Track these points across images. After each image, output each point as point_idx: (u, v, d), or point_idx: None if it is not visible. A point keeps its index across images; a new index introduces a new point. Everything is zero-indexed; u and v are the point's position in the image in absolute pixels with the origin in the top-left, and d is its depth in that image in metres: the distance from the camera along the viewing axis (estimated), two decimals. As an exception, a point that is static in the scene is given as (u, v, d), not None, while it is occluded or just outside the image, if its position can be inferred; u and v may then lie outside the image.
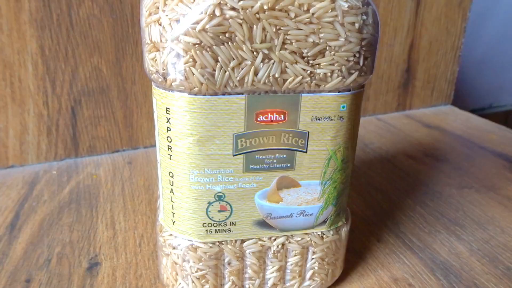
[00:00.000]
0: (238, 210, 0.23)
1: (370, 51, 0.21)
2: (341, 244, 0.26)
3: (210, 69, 0.19)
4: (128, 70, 0.42)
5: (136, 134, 0.45)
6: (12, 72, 0.38)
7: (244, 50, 0.19)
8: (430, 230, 0.33)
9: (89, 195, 0.37)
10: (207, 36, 0.18)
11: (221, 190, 0.22)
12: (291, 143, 0.22)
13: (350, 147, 0.23)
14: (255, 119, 0.21)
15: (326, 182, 0.23)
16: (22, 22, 0.37)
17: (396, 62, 0.55)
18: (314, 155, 0.22)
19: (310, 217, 0.24)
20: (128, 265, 0.28)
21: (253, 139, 0.21)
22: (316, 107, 0.21)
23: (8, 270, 0.28)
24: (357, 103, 0.22)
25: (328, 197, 0.23)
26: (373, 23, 0.20)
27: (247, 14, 0.18)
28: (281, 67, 0.20)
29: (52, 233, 0.31)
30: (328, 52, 0.20)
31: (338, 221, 0.25)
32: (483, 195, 0.38)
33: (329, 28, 0.19)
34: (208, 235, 0.23)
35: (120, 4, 0.40)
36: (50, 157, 0.42)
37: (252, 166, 0.22)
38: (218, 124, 0.20)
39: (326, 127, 0.22)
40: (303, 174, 0.23)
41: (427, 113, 0.58)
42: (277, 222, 0.23)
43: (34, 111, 0.40)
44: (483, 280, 0.28)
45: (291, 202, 0.23)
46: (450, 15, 0.55)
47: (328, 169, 0.23)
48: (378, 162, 0.44)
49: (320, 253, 0.25)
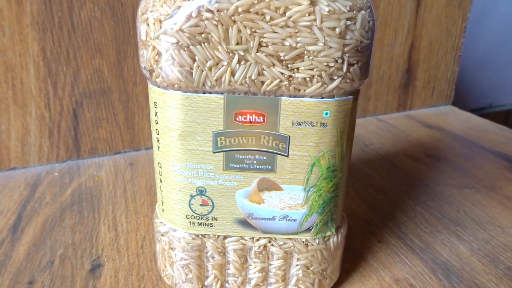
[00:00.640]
0: (220, 206, 0.23)
1: (357, 57, 0.20)
2: (329, 255, 0.25)
3: (188, 68, 0.20)
4: (130, 72, 0.42)
5: (138, 135, 0.45)
6: (14, 75, 0.39)
7: (220, 51, 0.19)
8: (431, 230, 0.33)
9: (91, 196, 0.37)
10: (184, 36, 0.19)
11: (202, 185, 0.23)
12: (271, 145, 0.22)
13: (338, 156, 0.22)
14: (234, 119, 0.21)
15: (309, 189, 0.22)
16: (24, 25, 0.37)
17: (397, 62, 0.55)
18: (296, 160, 0.22)
19: (293, 222, 0.23)
20: (131, 267, 0.28)
21: (232, 138, 0.22)
22: (297, 111, 0.21)
23: (11, 272, 0.28)
24: (345, 110, 0.21)
25: (313, 204, 0.23)
26: (361, 28, 0.20)
27: (222, 16, 0.19)
28: (258, 69, 0.20)
29: (54, 235, 0.32)
30: (307, 57, 0.19)
31: (325, 230, 0.24)
32: (483, 195, 0.38)
33: (307, 33, 0.19)
34: (191, 227, 0.24)
35: (121, 6, 0.40)
36: (52, 159, 0.43)
37: (232, 165, 0.22)
38: (198, 121, 0.21)
39: (308, 133, 0.21)
40: (285, 178, 0.22)
41: (427, 113, 0.59)
42: (259, 223, 0.24)
43: (36, 113, 0.40)
44: (484, 280, 0.28)
45: (273, 205, 0.23)
46: (450, 15, 0.55)
47: (312, 175, 0.22)
48: (378, 162, 0.44)
49: (304, 261, 0.24)
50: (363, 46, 0.20)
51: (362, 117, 0.56)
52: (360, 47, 0.20)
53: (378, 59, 0.54)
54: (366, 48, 0.20)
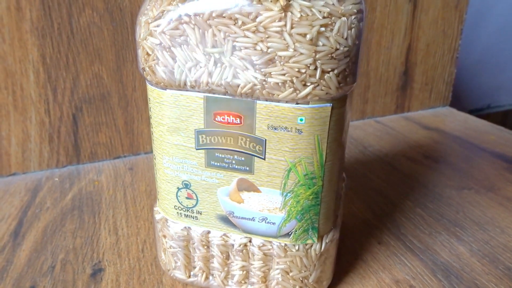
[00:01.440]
0: (203, 201, 0.24)
1: (332, 64, 0.20)
2: (310, 263, 0.24)
3: (170, 68, 0.21)
4: (129, 77, 0.42)
5: (137, 140, 0.45)
6: (14, 81, 0.39)
7: (198, 53, 0.20)
8: (431, 231, 0.33)
9: (91, 201, 0.37)
10: (166, 38, 0.20)
11: (187, 179, 0.24)
12: (248, 147, 0.22)
13: (317, 164, 0.22)
14: (213, 118, 0.22)
15: (287, 194, 0.22)
16: (23, 31, 0.38)
17: (394, 64, 0.55)
18: (273, 163, 0.22)
19: (272, 225, 0.23)
20: (132, 271, 0.29)
21: (212, 137, 0.22)
22: (272, 115, 0.21)
23: (13, 277, 0.28)
24: (322, 117, 0.21)
25: (291, 210, 0.23)
26: (338, 35, 0.19)
27: (198, 20, 0.20)
28: (234, 72, 0.20)
29: (55, 240, 0.32)
30: (278, 62, 0.19)
31: (305, 238, 0.24)
32: (482, 196, 0.38)
33: (277, 38, 0.19)
34: (179, 217, 0.25)
35: (120, 12, 0.40)
36: (52, 164, 0.43)
37: (213, 163, 0.23)
38: (182, 118, 0.22)
39: (284, 138, 0.21)
40: (263, 181, 0.22)
41: (425, 115, 0.59)
42: (239, 222, 0.24)
43: (36, 119, 0.41)
44: (484, 280, 0.28)
45: (253, 205, 0.23)
46: (447, 17, 0.56)
47: (289, 181, 0.22)
48: (377, 164, 0.44)
49: (283, 265, 0.24)
50: (340, 54, 0.19)
51: (360, 119, 0.56)
52: (336, 54, 0.19)
53: (375, 61, 0.54)
54: (345, 55, 0.20)
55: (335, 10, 0.19)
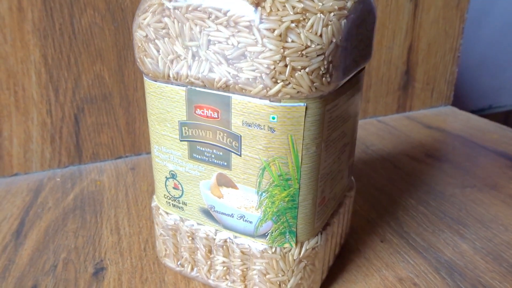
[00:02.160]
0: (188, 193, 0.25)
1: (302, 62, 0.19)
2: (287, 268, 0.23)
3: (155, 60, 0.22)
4: (130, 77, 0.42)
5: (139, 140, 0.45)
6: (16, 81, 0.39)
7: (178, 46, 0.21)
8: (434, 229, 0.33)
9: (93, 201, 0.37)
10: (151, 30, 0.21)
11: (173, 169, 0.24)
12: (226, 142, 0.22)
13: (292, 165, 0.21)
14: (194, 111, 0.22)
15: (262, 193, 0.22)
16: (25, 32, 0.38)
17: (395, 64, 0.55)
18: (248, 161, 0.22)
19: (250, 224, 0.23)
20: (134, 270, 0.29)
21: (194, 130, 0.23)
22: (246, 112, 0.21)
23: (15, 276, 0.28)
24: (295, 117, 0.20)
25: (266, 210, 0.22)
26: (309, 32, 0.18)
27: (177, 14, 0.20)
28: (209, 66, 0.20)
29: (57, 239, 0.32)
30: (248, 57, 0.19)
31: (282, 241, 0.23)
32: (485, 194, 0.38)
33: (246, 33, 0.19)
34: (168, 207, 0.26)
35: (121, 12, 0.40)
36: (54, 164, 0.43)
37: (195, 155, 0.23)
38: (168, 109, 0.23)
39: (257, 135, 0.21)
40: (239, 178, 0.22)
41: (427, 114, 0.59)
42: (220, 217, 0.24)
43: (38, 119, 0.41)
44: (488, 278, 0.28)
45: (231, 202, 0.23)
46: (448, 16, 0.56)
47: (263, 180, 0.22)
48: (379, 164, 0.44)
49: (259, 266, 0.24)
50: (311, 51, 0.19)
51: (362, 118, 0.56)
52: (307, 52, 0.19)
53: (376, 61, 0.54)
54: (317, 53, 0.19)
55: (312, 6, 0.19)
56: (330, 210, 0.25)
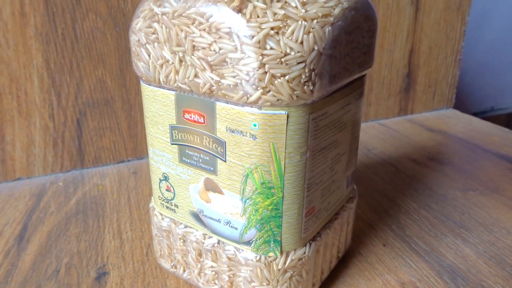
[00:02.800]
0: (179, 196, 0.25)
1: (282, 70, 0.18)
2: (272, 277, 0.23)
3: (147, 64, 0.22)
4: (132, 81, 0.43)
5: (141, 144, 0.45)
6: (19, 86, 0.39)
7: (166, 50, 0.21)
8: (436, 233, 0.33)
9: (95, 205, 0.37)
10: (142, 35, 0.22)
11: (166, 171, 0.25)
12: (211, 147, 0.22)
13: (274, 173, 0.21)
14: (183, 115, 0.22)
15: (246, 200, 0.22)
16: (28, 37, 0.38)
17: (397, 67, 0.55)
18: (233, 167, 0.21)
19: (235, 230, 0.23)
20: (136, 274, 0.29)
21: (183, 134, 0.23)
22: (229, 118, 0.20)
23: (18, 281, 0.28)
24: (276, 125, 0.20)
25: (250, 217, 0.22)
26: (291, 39, 0.18)
27: (165, 19, 0.21)
28: (195, 72, 0.20)
29: (60, 243, 0.32)
30: (229, 64, 0.19)
31: (267, 250, 0.23)
32: (487, 197, 0.38)
33: (227, 39, 0.19)
34: (162, 208, 0.26)
35: (123, 17, 0.40)
36: (56, 168, 0.43)
37: (184, 159, 0.23)
38: (160, 113, 0.23)
39: (240, 142, 0.21)
40: (225, 183, 0.22)
41: (429, 117, 0.59)
42: (208, 222, 0.24)
43: (40, 123, 0.41)
44: (491, 282, 0.28)
45: (218, 207, 0.23)
46: (449, 19, 0.56)
47: (247, 187, 0.21)
48: (381, 167, 0.44)
49: (245, 274, 0.24)
50: (291, 59, 0.18)
51: (363, 122, 0.56)
52: (286, 59, 0.18)
53: (378, 64, 0.54)
54: (297, 61, 0.18)
55: (294, 13, 0.18)
56: (322, 220, 0.25)
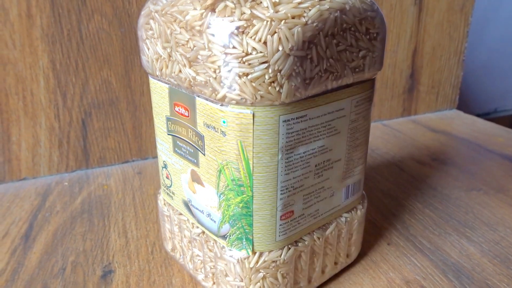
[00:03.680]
0: (175, 184, 0.26)
1: (244, 69, 0.18)
2: (245, 275, 0.23)
3: (147, 58, 0.23)
4: (137, 82, 0.43)
5: (145, 144, 0.45)
6: (25, 86, 0.39)
7: (158, 46, 0.22)
8: (440, 232, 0.33)
9: (100, 205, 0.37)
10: (143, 31, 0.23)
11: (165, 159, 0.26)
12: (194, 140, 0.22)
13: (243, 172, 0.21)
14: (174, 108, 0.23)
15: (220, 195, 0.22)
16: (34, 38, 0.38)
17: (400, 68, 0.56)
18: (210, 161, 0.22)
19: (214, 223, 0.23)
20: (141, 272, 0.29)
21: (175, 125, 0.24)
22: (206, 113, 0.21)
23: (24, 279, 0.28)
24: (243, 124, 0.20)
25: (224, 212, 0.22)
26: (252, 39, 0.18)
27: (157, 16, 0.22)
28: (179, 67, 0.21)
29: (65, 242, 0.32)
30: (201, 60, 0.19)
31: (240, 246, 0.23)
32: (491, 197, 0.38)
33: (198, 37, 0.19)
34: (164, 194, 0.28)
35: (128, 18, 0.41)
36: (61, 168, 0.43)
37: (177, 149, 0.24)
38: (159, 104, 0.24)
39: (214, 137, 0.21)
40: (205, 176, 0.23)
41: (432, 117, 0.59)
42: (194, 211, 0.25)
43: (46, 124, 0.41)
44: (495, 280, 0.28)
45: (201, 199, 0.24)
46: (452, 20, 0.56)
47: (220, 182, 0.22)
48: (385, 167, 0.44)
49: (220, 267, 0.24)
50: (253, 58, 0.18)
51: (367, 122, 0.56)
52: (247, 59, 0.18)
53: (381, 65, 0.54)
54: (260, 61, 0.18)
55: (262, 13, 0.18)
56: (306, 227, 0.24)
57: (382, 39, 0.23)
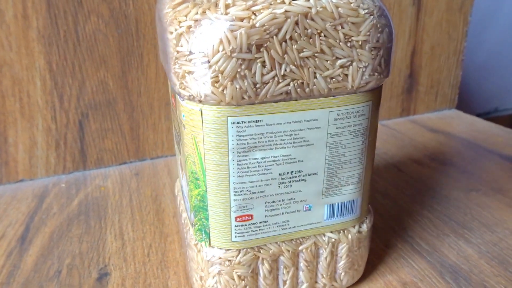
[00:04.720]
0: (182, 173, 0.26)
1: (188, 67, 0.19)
2: (203, 266, 0.23)
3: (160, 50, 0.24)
4: (134, 83, 0.43)
5: (143, 146, 0.45)
6: (21, 88, 0.39)
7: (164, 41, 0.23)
8: (438, 233, 0.33)
9: (97, 206, 0.37)
10: (158, 23, 0.24)
11: (176, 147, 0.26)
12: (179, 129, 0.23)
13: (198, 166, 0.21)
14: (172, 97, 0.24)
15: (187, 184, 0.23)
16: (30, 39, 0.38)
17: (399, 67, 0.55)
18: (181, 151, 0.23)
19: (189, 210, 0.24)
20: (137, 275, 0.29)
21: (173, 113, 0.25)
22: (179, 105, 0.22)
23: (20, 282, 0.28)
24: (194, 120, 0.20)
25: (190, 202, 0.23)
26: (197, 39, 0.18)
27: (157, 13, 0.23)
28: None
29: (62, 245, 0.32)
30: (167, 55, 0.21)
31: (201, 237, 0.23)
32: (490, 198, 0.38)
33: (168, 33, 0.20)
34: (178, 176, 0.29)
35: (125, 19, 0.40)
36: (58, 170, 0.43)
37: (175, 136, 0.25)
38: (170, 93, 0.25)
39: (181, 129, 0.22)
40: (184, 164, 0.23)
41: (431, 117, 0.58)
42: (185, 198, 0.26)
43: (43, 125, 0.41)
44: (493, 282, 0.28)
45: (184, 185, 0.25)
46: (451, 19, 0.56)
47: (187, 172, 0.23)
48: (383, 168, 0.44)
49: (190, 254, 0.25)
50: (195, 59, 0.19)
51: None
52: (190, 58, 0.19)
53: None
54: (202, 61, 0.19)
55: (211, 13, 0.18)
56: (271, 235, 0.23)
57: (376, 48, 0.21)
